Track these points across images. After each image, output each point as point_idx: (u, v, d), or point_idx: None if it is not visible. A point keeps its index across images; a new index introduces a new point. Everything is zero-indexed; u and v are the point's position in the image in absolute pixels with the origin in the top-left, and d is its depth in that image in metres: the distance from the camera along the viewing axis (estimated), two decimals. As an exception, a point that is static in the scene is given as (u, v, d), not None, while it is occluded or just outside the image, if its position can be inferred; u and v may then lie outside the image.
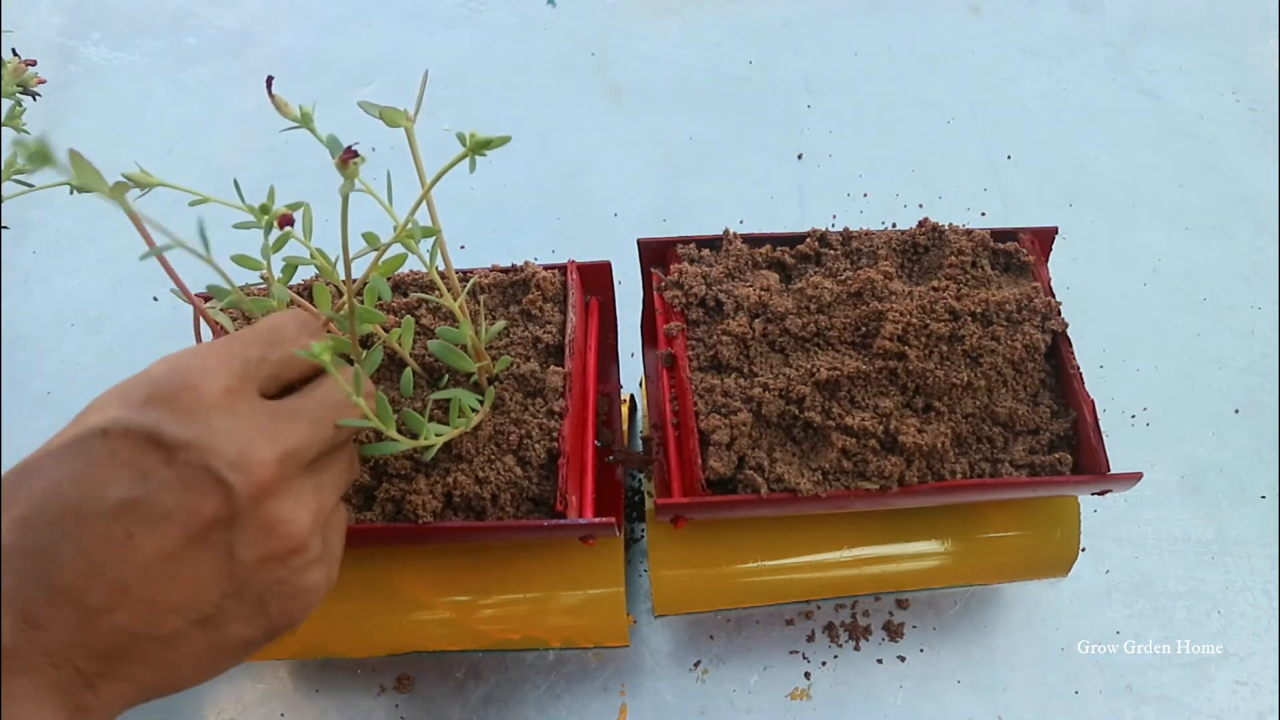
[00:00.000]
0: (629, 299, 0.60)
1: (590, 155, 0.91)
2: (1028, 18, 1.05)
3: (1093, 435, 0.50)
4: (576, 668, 0.63)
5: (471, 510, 0.47)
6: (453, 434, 0.45)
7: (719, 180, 0.90)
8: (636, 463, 0.59)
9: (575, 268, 0.56)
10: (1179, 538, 0.69)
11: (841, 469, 0.48)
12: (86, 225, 0.86)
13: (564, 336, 0.52)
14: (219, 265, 0.37)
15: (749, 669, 0.63)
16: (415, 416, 0.42)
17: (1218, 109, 0.96)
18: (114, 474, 0.32)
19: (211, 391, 0.33)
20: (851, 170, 0.90)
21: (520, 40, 1.02)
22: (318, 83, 0.97)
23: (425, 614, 0.54)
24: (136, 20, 1.03)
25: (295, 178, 0.87)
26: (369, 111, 0.38)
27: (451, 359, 0.48)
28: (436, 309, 0.54)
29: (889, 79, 0.99)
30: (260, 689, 0.62)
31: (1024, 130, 0.94)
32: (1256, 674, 0.63)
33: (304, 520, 0.35)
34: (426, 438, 0.42)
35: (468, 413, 0.46)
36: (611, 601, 0.54)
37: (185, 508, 0.32)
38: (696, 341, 0.53)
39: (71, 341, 0.78)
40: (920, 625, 0.64)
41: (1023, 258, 0.56)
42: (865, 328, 0.52)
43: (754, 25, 1.03)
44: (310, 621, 0.53)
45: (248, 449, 0.33)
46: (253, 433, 0.33)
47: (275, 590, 0.35)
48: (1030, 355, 0.52)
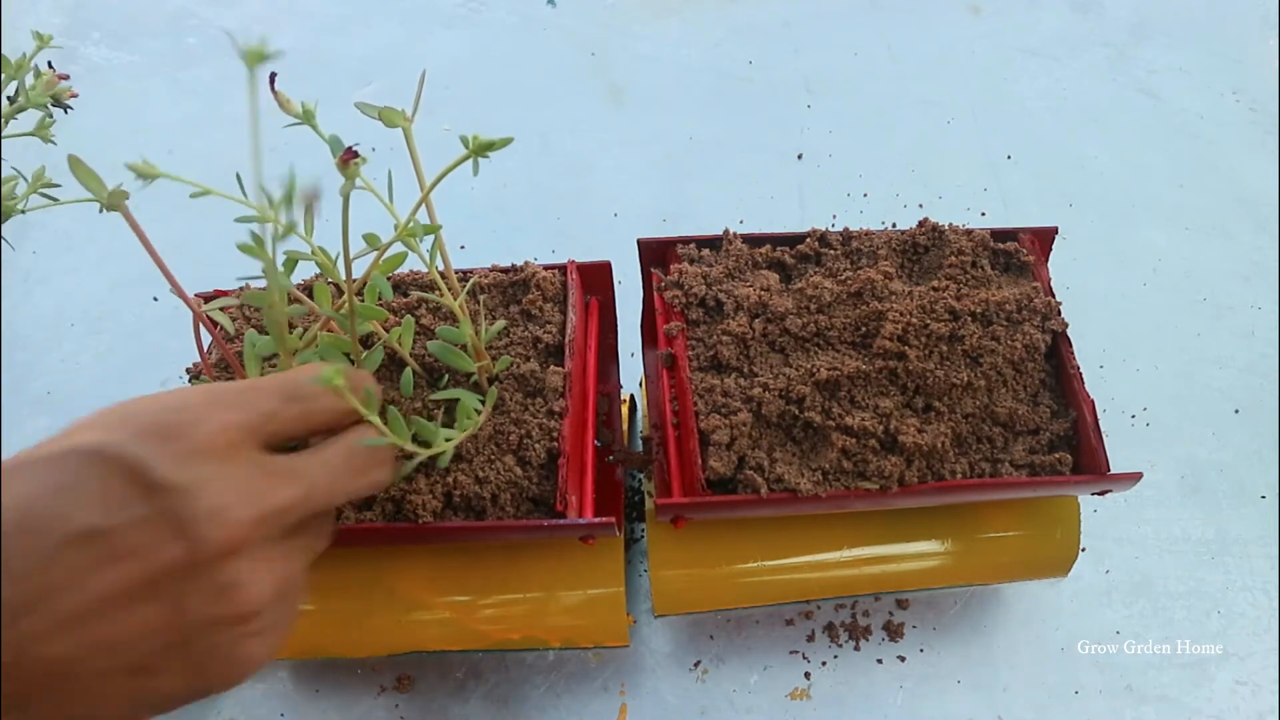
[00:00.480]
0: (629, 299, 0.60)
1: (590, 155, 0.91)
2: (1028, 18, 1.05)
3: (1093, 435, 0.50)
4: (576, 668, 0.63)
5: (471, 510, 0.47)
6: (461, 437, 0.45)
7: (719, 180, 0.90)
8: (636, 463, 0.59)
9: (575, 268, 0.56)
10: (1179, 538, 0.69)
11: (841, 469, 0.48)
12: (86, 225, 0.86)
13: (564, 336, 0.52)
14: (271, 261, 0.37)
15: (749, 669, 0.63)
16: (426, 426, 0.42)
17: (1218, 109, 0.96)
18: (91, 498, 0.31)
19: (212, 437, 0.33)
20: (851, 170, 0.90)
21: (520, 40, 1.02)
22: (317, 83, 0.97)
23: (425, 614, 0.54)
24: (136, 20, 1.03)
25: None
26: (367, 113, 0.38)
27: (451, 359, 0.48)
28: (436, 309, 0.54)
29: (889, 79, 0.99)
30: (260, 689, 0.62)
31: (1024, 130, 0.94)
32: (1256, 674, 0.63)
33: (263, 587, 0.33)
34: (438, 444, 0.42)
35: (473, 415, 0.46)
36: (611, 601, 0.54)
37: (149, 549, 0.31)
38: (696, 341, 0.53)
39: (71, 341, 0.78)
40: (920, 625, 0.64)
41: (1023, 258, 0.56)
42: (865, 328, 0.52)
43: (754, 25, 1.03)
44: (310, 621, 0.54)
45: (227, 504, 0.32)
46: (239, 487, 0.33)
47: (214, 653, 0.33)
48: (1030, 355, 0.52)
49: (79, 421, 0.34)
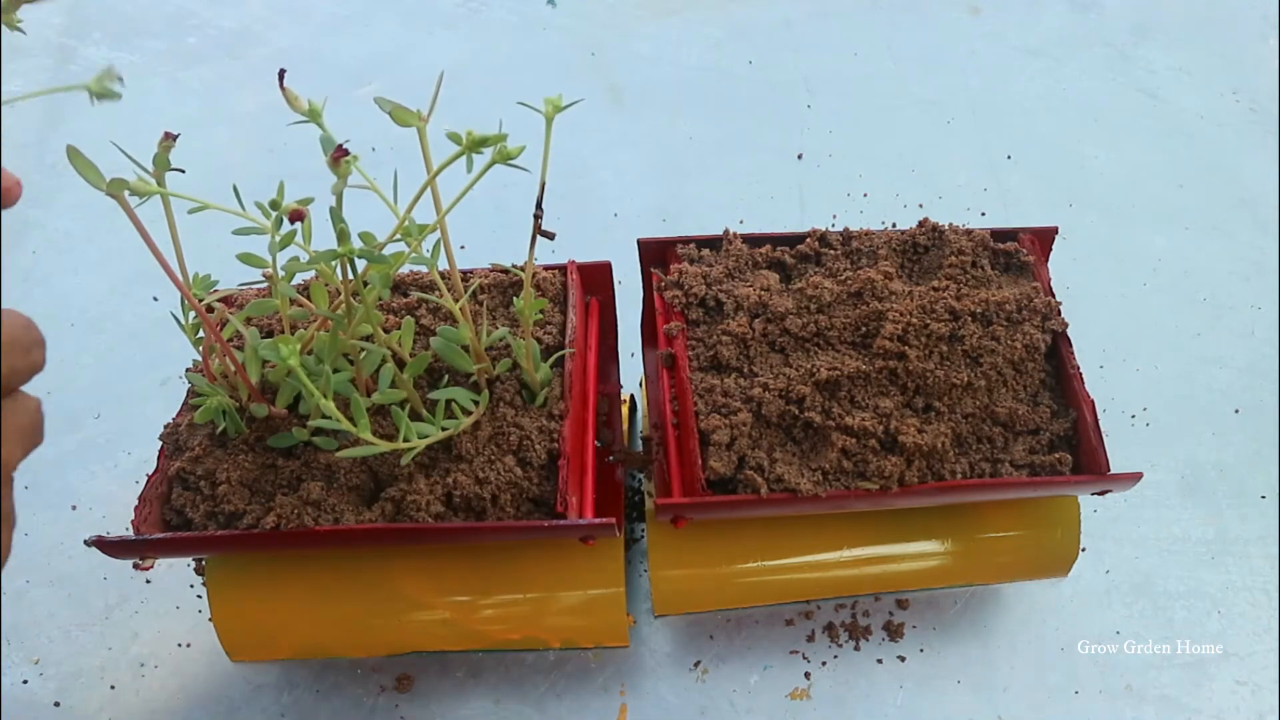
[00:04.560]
0: (629, 299, 0.60)
1: (590, 155, 0.91)
2: (1028, 18, 1.05)
3: (1093, 435, 0.50)
4: (576, 668, 0.63)
5: (471, 511, 0.47)
6: (438, 438, 0.44)
7: (719, 180, 0.90)
8: (636, 463, 0.59)
9: (575, 268, 0.56)
10: (1179, 538, 0.69)
11: (841, 469, 0.48)
12: (86, 225, 0.86)
13: (564, 337, 0.52)
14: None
15: (749, 669, 0.63)
16: (400, 416, 0.42)
17: (1218, 109, 0.96)
18: None
19: None
20: (851, 170, 0.90)
21: (520, 40, 1.02)
22: (317, 83, 0.97)
23: (425, 614, 0.54)
24: (136, 20, 1.03)
25: (295, 178, 0.87)
26: (382, 107, 0.38)
27: (452, 358, 0.48)
28: (437, 309, 0.54)
29: (889, 79, 0.99)
30: (260, 689, 0.62)
31: (1024, 130, 0.94)
32: (1256, 674, 0.63)
33: None
34: (408, 438, 0.42)
35: (458, 414, 0.46)
36: (611, 601, 0.54)
37: None
38: (696, 341, 0.53)
39: (71, 341, 0.78)
40: (920, 625, 0.64)
41: (1023, 258, 0.56)
42: (865, 328, 0.52)
43: (754, 25, 1.03)
44: (310, 621, 0.54)
45: None
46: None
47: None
48: (1030, 355, 0.52)
49: None
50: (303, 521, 0.46)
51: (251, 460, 0.48)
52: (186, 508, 0.48)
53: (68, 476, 0.70)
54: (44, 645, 0.63)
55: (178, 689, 0.61)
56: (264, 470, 0.48)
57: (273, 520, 0.46)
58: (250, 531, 0.46)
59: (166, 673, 0.62)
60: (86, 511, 0.69)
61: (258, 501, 0.48)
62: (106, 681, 0.61)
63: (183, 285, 0.44)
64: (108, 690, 0.61)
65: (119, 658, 0.62)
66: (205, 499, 0.48)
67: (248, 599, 0.53)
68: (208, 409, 0.48)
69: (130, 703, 0.61)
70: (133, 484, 0.68)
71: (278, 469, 0.48)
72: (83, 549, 0.48)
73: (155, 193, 0.39)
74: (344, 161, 0.36)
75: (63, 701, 0.61)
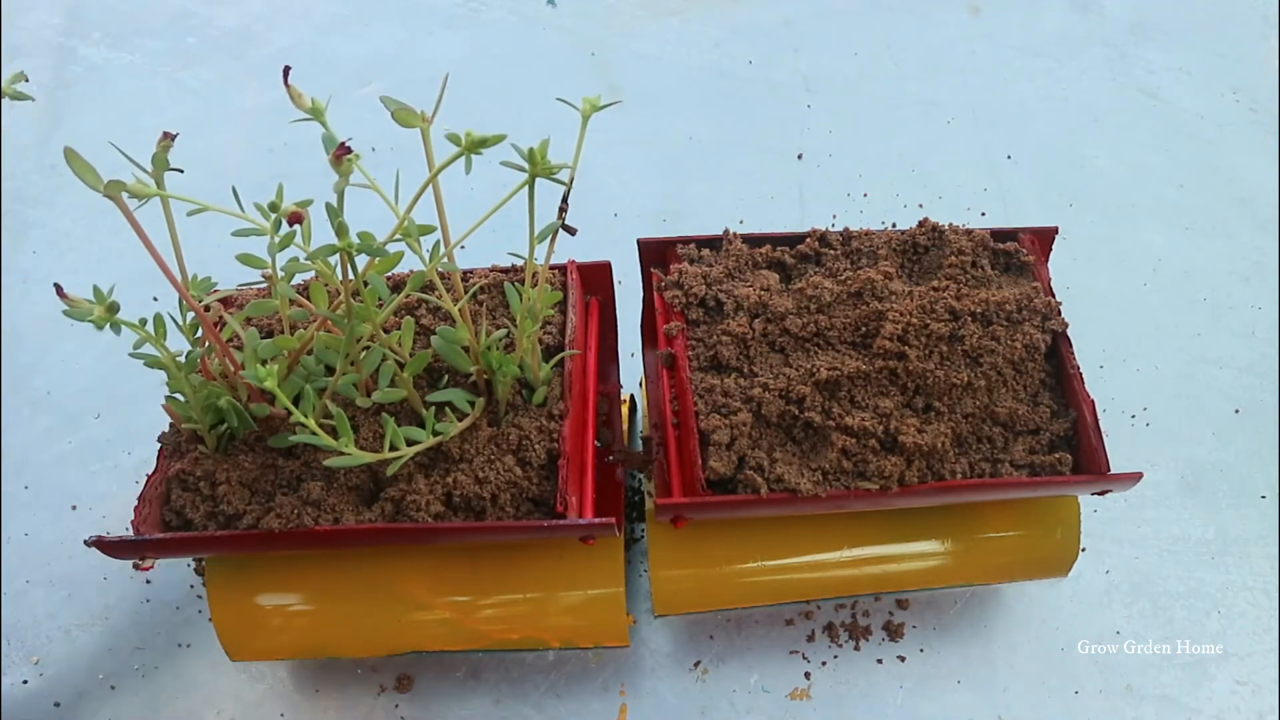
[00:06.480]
0: (629, 299, 0.60)
1: (590, 155, 0.91)
2: (1028, 18, 1.05)
3: (1093, 435, 0.50)
4: (576, 668, 0.63)
5: (471, 510, 0.47)
6: (427, 445, 0.44)
7: (719, 180, 0.90)
8: (636, 463, 0.59)
9: (575, 268, 0.56)
10: (1179, 538, 0.69)
11: (841, 469, 0.48)
12: (86, 225, 0.86)
13: (564, 337, 0.52)
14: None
15: (749, 669, 0.63)
16: (389, 423, 0.42)
17: (1218, 109, 0.96)
18: None
19: None
20: (851, 170, 0.90)
21: (520, 40, 1.02)
22: (317, 83, 0.96)
23: (425, 614, 0.54)
24: (136, 20, 1.03)
25: (294, 179, 0.87)
26: (388, 106, 0.38)
27: (452, 357, 0.48)
28: (436, 309, 0.54)
29: (889, 79, 0.99)
30: (260, 689, 0.62)
31: (1024, 130, 0.94)
32: (1256, 674, 0.63)
33: None
34: (395, 446, 0.42)
35: (451, 418, 0.46)
36: (611, 601, 0.54)
37: None
38: (696, 341, 0.53)
39: (71, 341, 0.78)
40: (920, 625, 0.64)
41: (1023, 258, 0.56)
42: (865, 328, 0.52)
43: (754, 25, 1.03)
44: (310, 621, 0.54)
45: None
46: None
47: None
48: (1030, 355, 0.52)
49: None
50: (303, 521, 0.46)
51: (251, 460, 0.48)
52: (186, 508, 0.48)
53: (68, 476, 0.70)
54: (44, 645, 0.63)
55: (178, 689, 0.61)
56: (264, 470, 0.48)
57: (273, 520, 0.46)
58: (250, 531, 0.46)
59: (166, 673, 0.62)
60: (86, 511, 0.69)
61: (258, 502, 0.48)
62: (107, 682, 0.61)
63: (180, 286, 0.44)
64: (108, 690, 0.61)
65: (119, 658, 0.62)
66: (205, 499, 0.48)
67: (248, 599, 0.53)
68: (210, 409, 0.48)
69: (130, 703, 0.61)
70: (133, 484, 0.68)
71: (278, 469, 0.48)
72: (83, 549, 0.48)
73: (153, 195, 0.39)
74: (346, 160, 0.36)
75: (63, 701, 0.61)
